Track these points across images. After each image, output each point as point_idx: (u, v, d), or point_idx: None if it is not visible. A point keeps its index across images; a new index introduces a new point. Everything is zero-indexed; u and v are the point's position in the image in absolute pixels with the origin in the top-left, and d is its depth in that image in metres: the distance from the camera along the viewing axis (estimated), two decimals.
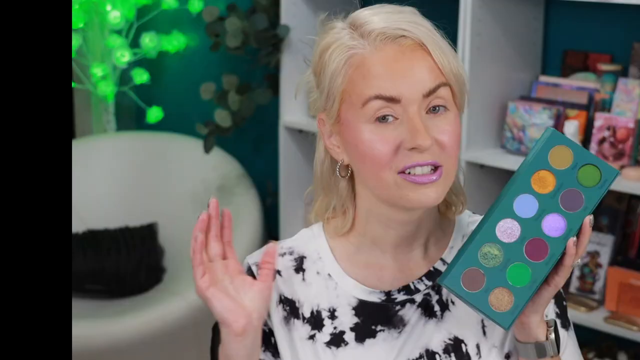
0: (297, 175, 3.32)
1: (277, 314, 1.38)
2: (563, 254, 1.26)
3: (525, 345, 1.32)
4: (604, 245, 2.72)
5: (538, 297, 1.28)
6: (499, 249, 1.27)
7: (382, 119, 1.27)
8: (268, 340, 1.38)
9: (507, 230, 1.27)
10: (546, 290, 1.28)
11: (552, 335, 1.31)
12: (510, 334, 1.36)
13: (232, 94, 3.26)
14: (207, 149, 3.27)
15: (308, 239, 1.42)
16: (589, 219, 1.26)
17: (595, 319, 2.64)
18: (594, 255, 2.73)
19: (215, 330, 1.40)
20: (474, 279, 1.26)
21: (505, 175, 2.81)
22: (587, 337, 2.81)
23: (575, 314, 2.65)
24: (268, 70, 3.36)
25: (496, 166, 2.76)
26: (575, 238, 1.26)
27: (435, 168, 1.28)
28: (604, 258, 2.72)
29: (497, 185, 2.83)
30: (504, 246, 1.27)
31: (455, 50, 1.32)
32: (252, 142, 3.68)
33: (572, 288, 2.76)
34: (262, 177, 3.62)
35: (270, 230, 3.55)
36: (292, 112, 3.27)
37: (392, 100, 1.26)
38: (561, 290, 1.39)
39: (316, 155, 1.40)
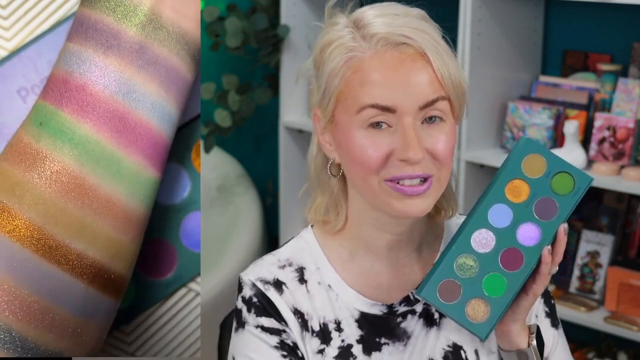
0: (297, 175, 3.32)
1: (296, 326, 1.35)
2: (539, 263, 1.25)
3: (508, 354, 1.31)
4: (604, 245, 2.72)
5: (517, 307, 1.27)
6: (475, 259, 1.26)
7: (376, 125, 1.25)
8: (294, 354, 1.34)
9: (482, 240, 1.27)
10: (525, 299, 1.27)
11: (534, 342, 1.30)
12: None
13: (232, 94, 3.26)
14: (207, 149, 3.27)
15: (302, 248, 1.39)
16: (563, 227, 1.25)
17: (595, 319, 2.64)
18: (594, 255, 2.73)
19: (224, 327, 1.39)
20: (451, 290, 1.26)
21: None
22: (587, 337, 2.81)
23: (575, 314, 2.65)
24: (268, 70, 3.36)
25: (496, 166, 2.76)
26: (550, 247, 1.25)
27: (425, 179, 1.26)
28: (604, 258, 2.71)
29: None
30: (479, 257, 1.26)
31: (456, 54, 1.29)
32: (252, 142, 3.68)
33: (572, 288, 2.76)
34: (262, 177, 3.62)
35: (271, 231, 3.54)
36: (292, 112, 3.27)
37: (387, 110, 1.24)
38: (548, 289, 1.39)
39: (309, 150, 1.38)
